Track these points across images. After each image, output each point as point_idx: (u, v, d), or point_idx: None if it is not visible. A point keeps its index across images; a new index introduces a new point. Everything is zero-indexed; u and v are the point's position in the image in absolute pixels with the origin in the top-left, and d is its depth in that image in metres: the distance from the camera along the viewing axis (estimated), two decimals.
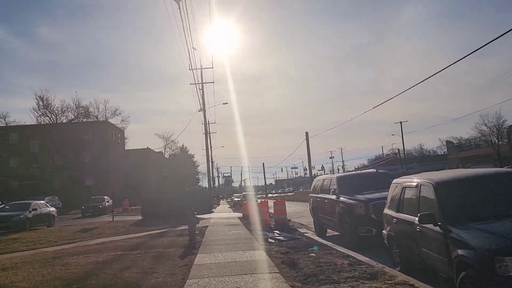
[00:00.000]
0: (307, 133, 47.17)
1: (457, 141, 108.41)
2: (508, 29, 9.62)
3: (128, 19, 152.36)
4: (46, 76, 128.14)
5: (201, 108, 35.46)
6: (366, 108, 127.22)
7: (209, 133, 48.98)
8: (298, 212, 24.32)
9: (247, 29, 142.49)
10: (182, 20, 15.54)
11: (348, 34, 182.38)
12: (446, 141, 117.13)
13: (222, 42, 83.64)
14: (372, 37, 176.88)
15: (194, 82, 31.72)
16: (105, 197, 36.56)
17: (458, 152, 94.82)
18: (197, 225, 13.75)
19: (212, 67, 59.03)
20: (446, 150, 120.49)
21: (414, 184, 6.98)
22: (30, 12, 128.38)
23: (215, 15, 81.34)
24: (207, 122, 45.33)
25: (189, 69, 36.95)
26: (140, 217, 25.48)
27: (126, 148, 70.12)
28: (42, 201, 24.13)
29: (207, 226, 18.55)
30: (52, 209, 24.40)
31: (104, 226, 21.05)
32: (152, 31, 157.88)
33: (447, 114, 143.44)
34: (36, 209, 22.10)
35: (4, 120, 59.18)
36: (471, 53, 11.94)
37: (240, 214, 27.42)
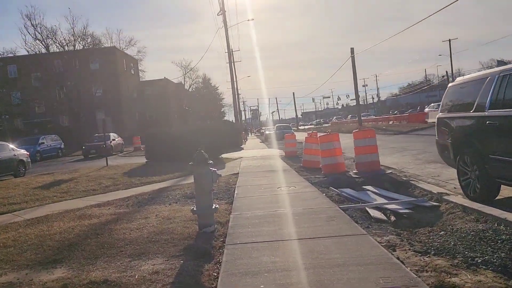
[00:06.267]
0: (352, 49, 38.50)
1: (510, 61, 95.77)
2: None
3: None
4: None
5: (220, 11, 27.03)
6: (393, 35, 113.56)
7: (233, 51, 41.04)
8: None
9: None
10: None
11: None
12: (498, 60, 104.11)
13: None
14: None
15: None
16: (112, 134, 30.06)
17: None
18: (217, 181, 6.61)
19: None
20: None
21: None
22: None
23: None
24: (231, 51, 36.93)
25: None
26: (144, 160, 18.77)
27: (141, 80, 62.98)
28: (4, 143, 17.43)
29: (236, 176, 11.52)
30: (22, 152, 17.80)
31: (87, 176, 14.42)
32: None
33: (479, 38, 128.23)
34: None
35: None
36: None
37: (279, 151, 20.47)
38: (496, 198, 6.29)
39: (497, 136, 5.74)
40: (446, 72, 75.18)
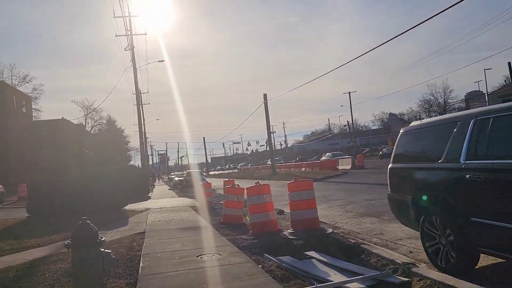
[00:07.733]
0: (265, 95, 38.56)
1: (398, 114, 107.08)
2: None
3: None
4: None
5: (128, 46, 24.92)
6: (298, 86, 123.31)
7: (141, 93, 38.66)
8: (282, 196, 14.86)
9: (175, 4, 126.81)
10: None
11: (275, 13, 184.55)
12: (390, 113, 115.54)
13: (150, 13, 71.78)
14: (299, 17, 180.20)
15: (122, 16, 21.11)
16: None
17: (401, 124, 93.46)
18: (110, 270, 4.46)
19: (146, 33, 42.50)
20: (379, 126, 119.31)
21: None
22: None
23: None
24: (140, 92, 34.44)
25: (114, 17, 25.99)
26: (26, 215, 15.29)
27: (34, 120, 56.60)
28: None
29: (143, 236, 9.24)
30: None
31: None
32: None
33: (372, 93, 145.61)
34: None
35: None
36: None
37: (191, 201, 18.49)
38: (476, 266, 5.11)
39: (483, 194, 4.57)
40: (348, 121, 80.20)
